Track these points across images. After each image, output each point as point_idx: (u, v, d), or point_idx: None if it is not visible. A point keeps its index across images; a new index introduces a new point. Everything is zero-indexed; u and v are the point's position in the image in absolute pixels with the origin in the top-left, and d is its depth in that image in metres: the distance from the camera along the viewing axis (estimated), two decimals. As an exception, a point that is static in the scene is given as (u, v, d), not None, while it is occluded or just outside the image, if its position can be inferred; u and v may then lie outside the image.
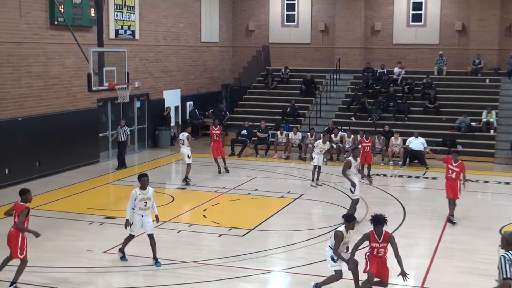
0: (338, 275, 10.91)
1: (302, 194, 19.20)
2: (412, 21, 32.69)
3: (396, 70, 30.77)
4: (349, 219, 11.02)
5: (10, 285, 11.11)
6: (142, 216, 12.49)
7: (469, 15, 31.56)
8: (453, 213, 16.21)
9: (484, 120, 26.71)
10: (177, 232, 15.04)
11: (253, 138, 26.80)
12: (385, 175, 22.80)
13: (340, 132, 25.73)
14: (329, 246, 10.97)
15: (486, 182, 21.84)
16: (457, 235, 15.31)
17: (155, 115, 27.67)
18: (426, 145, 24.12)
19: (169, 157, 25.71)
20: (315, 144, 20.78)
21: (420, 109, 28.48)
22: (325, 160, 22.27)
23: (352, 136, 25.13)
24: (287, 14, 34.50)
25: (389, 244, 10.62)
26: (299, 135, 26.21)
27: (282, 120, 28.65)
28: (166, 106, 28.27)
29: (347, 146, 25.02)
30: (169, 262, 12.81)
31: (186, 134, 20.94)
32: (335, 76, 31.49)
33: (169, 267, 12.59)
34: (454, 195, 16.21)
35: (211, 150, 22.56)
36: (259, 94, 31.98)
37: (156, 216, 12.80)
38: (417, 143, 24.11)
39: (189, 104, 30.41)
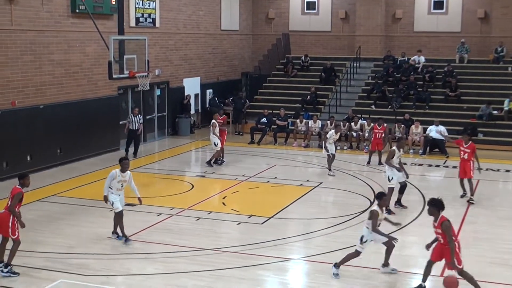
0: (357, 254, 11.52)
1: (321, 183, 19.18)
2: (434, 9, 32.39)
3: (415, 58, 30.52)
4: (381, 196, 11.66)
5: (5, 267, 11.28)
6: (119, 195, 13.36)
7: (491, 2, 31.19)
8: (471, 193, 16.80)
9: (506, 108, 26.44)
10: (196, 220, 15.11)
11: (273, 126, 26.78)
12: (405, 163, 22.64)
13: (360, 121, 25.64)
14: (366, 227, 11.46)
15: (508, 171, 21.64)
16: (478, 224, 15.22)
17: (175, 103, 27.75)
18: (446, 133, 23.93)
19: (188, 145, 25.81)
20: (327, 136, 20.69)
21: (441, 97, 28.26)
22: (338, 147, 22.38)
23: (372, 124, 25.01)
24: (307, 2, 34.34)
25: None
26: (319, 123, 26.14)
27: (301, 108, 28.60)
28: (186, 94, 28.34)
29: (366, 134, 24.94)
30: (188, 249, 12.89)
31: (212, 121, 21.03)
32: (355, 64, 31.33)
33: (188, 254, 12.67)
34: (464, 174, 17.03)
35: None
36: (278, 82, 31.93)
37: (139, 199, 13.53)
38: (438, 130, 23.88)
39: (209, 92, 30.45)
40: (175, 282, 11.32)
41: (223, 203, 16.77)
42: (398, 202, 16.51)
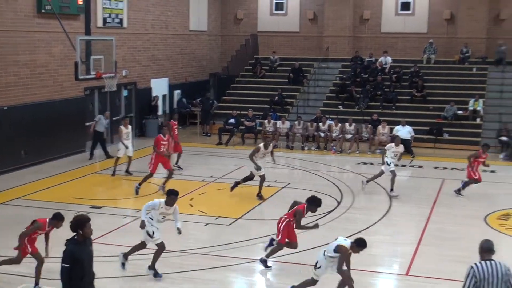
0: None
1: (289, 183, 19.24)
2: (401, 10, 32.70)
3: (381, 59, 30.78)
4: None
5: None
6: (157, 228, 11.65)
7: (457, 3, 31.60)
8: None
9: (471, 108, 26.83)
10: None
11: (241, 127, 26.78)
12: (372, 163, 22.86)
13: (327, 121, 25.78)
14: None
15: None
16: (443, 223, 15.41)
17: (142, 104, 27.60)
18: (413, 134, 24.28)
19: (157, 146, 25.64)
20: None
21: (408, 97, 28.57)
22: (305, 148, 22.59)
23: (340, 124, 25.22)
24: (276, 3, 34.42)
25: None
26: (287, 124, 26.23)
27: (270, 109, 28.65)
28: (153, 95, 28.20)
29: (334, 135, 25.11)
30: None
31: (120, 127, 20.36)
32: (323, 65, 31.49)
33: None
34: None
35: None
36: (247, 83, 31.96)
37: (178, 229, 11.93)
38: (404, 131, 24.20)
39: (177, 93, 30.35)
40: (142, 285, 11.25)
41: (190, 205, 16.71)
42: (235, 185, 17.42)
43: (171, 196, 11.61)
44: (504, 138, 24.31)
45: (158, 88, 28.58)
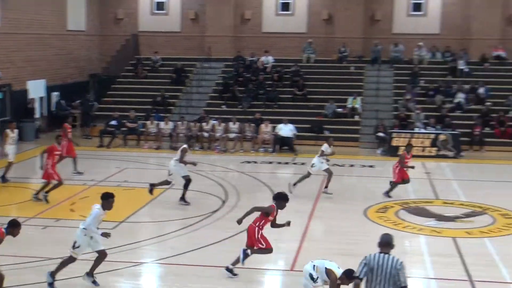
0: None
1: (173, 184, 19.02)
2: (281, 10, 33.22)
3: (263, 58, 31.15)
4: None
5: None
6: (91, 237, 11.07)
7: (335, 4, 32.49)
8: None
9: (350, 106, 27.68)
10: (43, 228, 14.49)
11: (123, 129, 26.24)
12: (255, 162, 23.08)
13: (211, 121, 25.78)
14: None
15: (352, 166, 22.62)
16: (325, 218, 15.76)
17: (18, 106, 26.46)
18: (295, 132, 24.75)
19: (33, 150, 24.66)
20: None
21: (289, 96, 29.07)
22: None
23: (223, 124, 25.30)
24: (156, 2, 34.06)
25: None
26: (170, 124, 25.99)
27: (152, 110, 28.28)
28: (30, 97, 27.11)
29: (217, 134, 25.16)
30: (36, 259, 12.30)
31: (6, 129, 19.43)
32: (205, 65, 31.48)
33: (36, 264, 12.08)
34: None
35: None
36: (128, 84, 31.39)
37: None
38: (286, 129, 24.64)
39: (55, 94, 29.34)
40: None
41: (72, 210, 16.18)
42: (182, 198, 16.71)
43: (110, 199, 11.10)
44: (381, 134, 25.24)
45: (35, 90, 27.51)
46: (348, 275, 9.48)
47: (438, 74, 30.04)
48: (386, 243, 8.05)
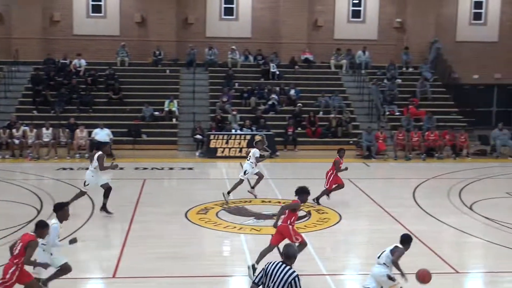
0: None
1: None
2: (93, 12, 32.35)
3: (75, 62, 30.19)
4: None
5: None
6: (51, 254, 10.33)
7: (147, 7, 32.28)
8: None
9: (167, 109, 27.67)
10: None
11: None
12: (72, 168, 22.30)
13: (22, 127, 24.50)
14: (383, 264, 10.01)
15: (171, 169, 22.60)
16: (147, 222, 15.54)
17: None
18: (112, 136, 24.28)
19: None
20: None
21: (105, 100, 28.45)
22: None
23: (35, 130, 24.17)
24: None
25: None
26: (-24, 132, 24.34)
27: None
28: None
29: (29, 141, 24.00)
30: None
31: None
32: (13, 68, 29.85)
33: None
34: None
35: None
36: None
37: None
38: (102, 134, 24.10)
39: None
40: None
41: None
42: (104, 208, 15.94)
43: (66, 208, 10.56)
44: (198, 137, 25.47)
45: None
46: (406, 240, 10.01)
47: (251, 76, 30.94)
48: (284, 254, 8.03)
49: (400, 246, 9.99)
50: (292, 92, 29.40)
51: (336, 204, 17.28)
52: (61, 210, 10.51)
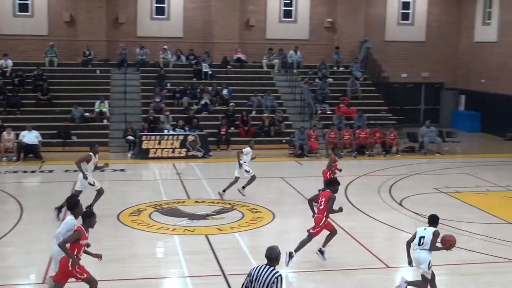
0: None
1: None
2: (19, 11, 31.49)
3: (1, 62, 29.35)
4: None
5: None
6: None
7: (76, 6, 31.65)
8: None
9: (97, 110, 27.22)
10: None
11: None
12: (16, 171, 21.72)
13: None
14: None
15: (102, 170, 22.16)
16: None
17: None
18: (40, 138, 23.75)
19: None
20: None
21: (33, 101, 27.76)
22: None
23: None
24: None
25: None
26: None
27: None
28: None
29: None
30: None
31: None
32: None
33: None
34: None
35: None
36: None
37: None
38: (32, 136, 23.54)
39: None
40: None
41: None
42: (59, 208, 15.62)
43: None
44: (130, 137, 25.15)
45: None
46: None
47: (184, 76, 30.75)
48: (268, 257, 8.17)
49: (433, 228, 10.58)
50: (225, 91, 29.39)
51: (270, 203, 17.38)
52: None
